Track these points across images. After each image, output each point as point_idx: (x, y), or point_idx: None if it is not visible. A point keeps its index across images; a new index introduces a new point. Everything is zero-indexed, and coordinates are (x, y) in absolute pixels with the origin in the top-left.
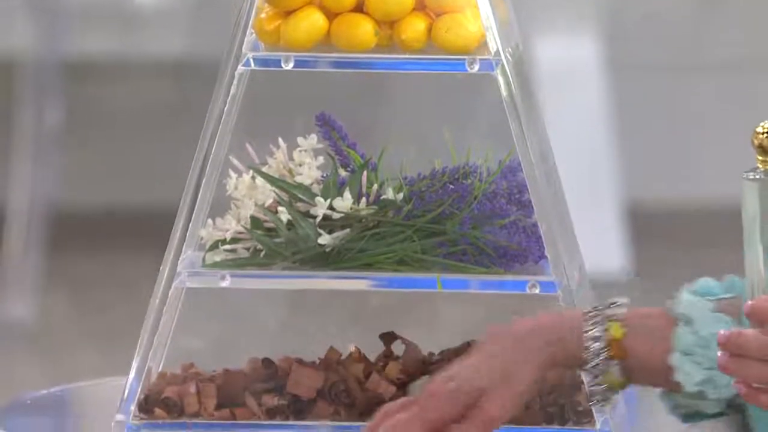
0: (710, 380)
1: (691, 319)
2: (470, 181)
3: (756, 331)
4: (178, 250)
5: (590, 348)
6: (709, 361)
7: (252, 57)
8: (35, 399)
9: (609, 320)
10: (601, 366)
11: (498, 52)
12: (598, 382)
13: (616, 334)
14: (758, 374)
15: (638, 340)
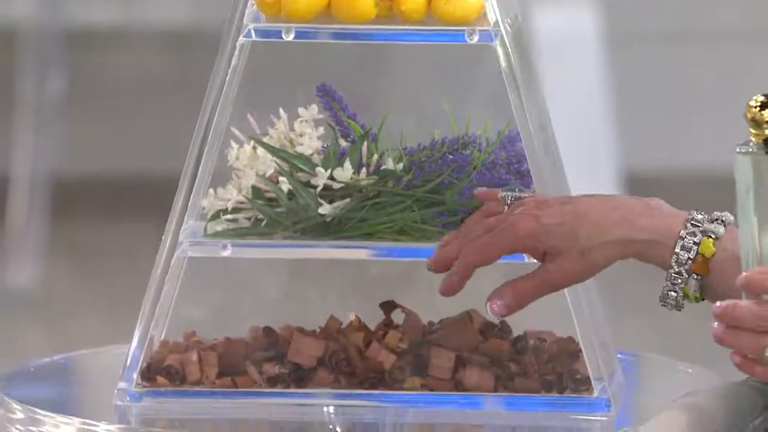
0: None
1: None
2: (469, 152)
3: (751, 302)
4: (179, 219)
5: (678, 256)
6: None
7: (253, 28)
8: (38, 367)
9: (705, 235)
10: (683, 276)
11: (497, 24)
12: (674, 289)
13: (706, 251)
14: (753, 345)
15: (725, 264)
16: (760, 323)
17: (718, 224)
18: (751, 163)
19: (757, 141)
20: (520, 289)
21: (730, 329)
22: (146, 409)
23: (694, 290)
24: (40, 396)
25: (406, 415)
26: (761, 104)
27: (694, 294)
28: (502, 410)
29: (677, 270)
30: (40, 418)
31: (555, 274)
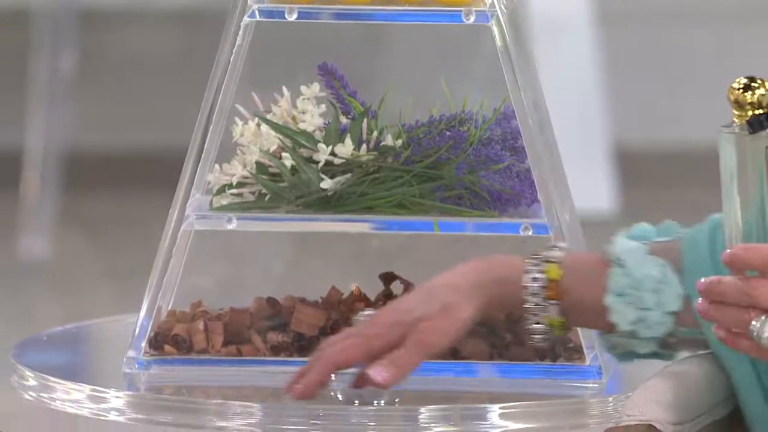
0: (642, 320)
1: (625, 261)
2: (466, 128)
3: (734, 278)
4: (186, 193)
5: (529, 288)
6: (641, 302)
7: (257, 8)
8: (51, 335)
9: (547, 262)
10: (540, 306)
11: (493, 4)
12: (538, 321)
13: (553, 275)
14: (737, 319)
15: (575, 282)
16: (744, 298)
17: (555, 250)
18: (734, 143)
19: (740, 122)
20: (400, 358)
21: (714, 304)
22: (154, 376)
23: (556, 316)
24: (51, 363)
25: (404, 383)
26: (744, 86)
27: (558, 320)
28: (497, 377)
29: (533, 302)
30: (51, 385)
31: (424, 335)
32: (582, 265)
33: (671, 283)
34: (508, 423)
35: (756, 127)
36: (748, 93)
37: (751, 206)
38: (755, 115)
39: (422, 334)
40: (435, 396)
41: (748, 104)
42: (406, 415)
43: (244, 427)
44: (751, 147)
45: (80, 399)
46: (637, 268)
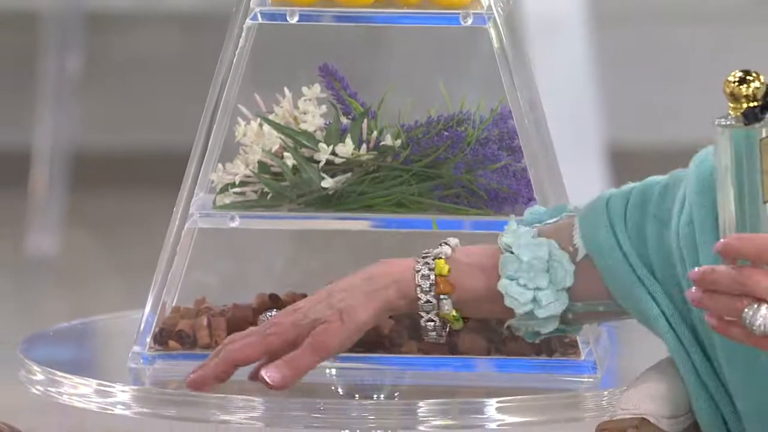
0: (535, 300)
1: (513, 247)
2: (464, 128)
3: (727, 267)
4: (190, 192)
5: (421, 286)
6: (533, 282)
7: (259, 11)
8: (58, 331)
9: (436, 259)
10: (432, 302)
11: (490, 7)
12: (431, 318)
13: (442, 271)
14: (730, 307)
15: (464, 275)
16: (736, 286)
17: (443, 246)
18: (730, 135)
19: (735, 114)
20: (294, 360)
21: (707, 293)
22: (159, 371)
23: (449, 309)
24: (58, 358)
25: (403, 377)
26: (739, 79)
27: (452, 314)
28: (494, 372)
29: (425, 299)
30: (58, 380)
31: (318, 337)
32: (472, 258)
33: (561, 261)
34: (504, 416)
35: (751, 119)
36: (744, 86)
37: (745, 197)
38: (750, 107)
39: (317, 337)
40: (433, 390)
41: (743, 97)
42: (405, 409)
43: (247, 421)
44: (745, 139)
45: (87, 393)
46: (525, 252)
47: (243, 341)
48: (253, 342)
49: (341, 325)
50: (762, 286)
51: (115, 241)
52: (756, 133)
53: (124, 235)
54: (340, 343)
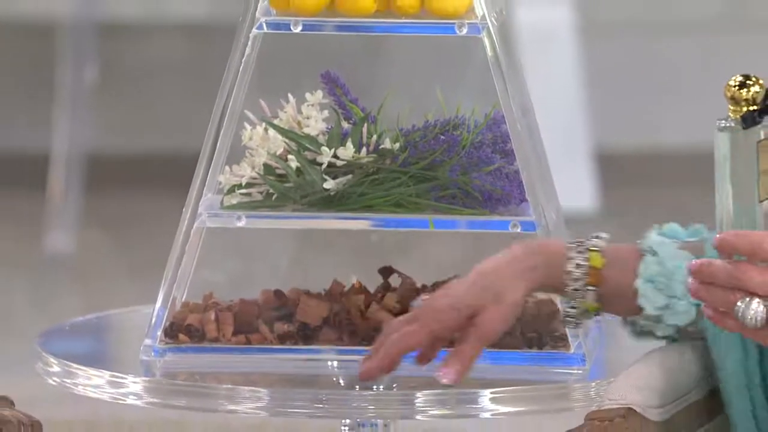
0: (669, 307)
1: (658, 252)
2: (459, 132)
3: (724, 261)
4: (199, 193)
5: (572, 273)
6: (670, 290)
7: (265, 21)
8: (73, 325)
9: (590, 250)
10: (580, 291)
11: (484, 17)
12: (574, 305)
13: (595, 263)
14: (724, 300)
15: (613, 270)
16: (732, 280)
17: (597, 239)
18: (729, 137)
19: (734, 117)
20: (463, 354)
21: (704, 285)
22: (169, 363)
23: (593, 301)
24: (74, 351)
25: (401, 369)
26: (740, 83)
27: (593, 305)
28: (488, 364)
29: (574, 287)
30: (74, 371)
31: (483, 327)
32: (619, 254)
33: None
34: (498, 407)
35: (749, 122)
36: (744, 90)
37: (742, 196)
38: (749, 110)
39: (480, 327)
40: (431, 381)
41: (743, 100)
42: (403, 399)
43: (253, 411)
44: (744, 141)
45: (101, 384)
46: (669, 259)
47: (405, 331)
48: (415, 331)
49: (498, 308)
50: (755, 281)
51: (128, 240)
52: (754, 135)
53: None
54: (501, 328)
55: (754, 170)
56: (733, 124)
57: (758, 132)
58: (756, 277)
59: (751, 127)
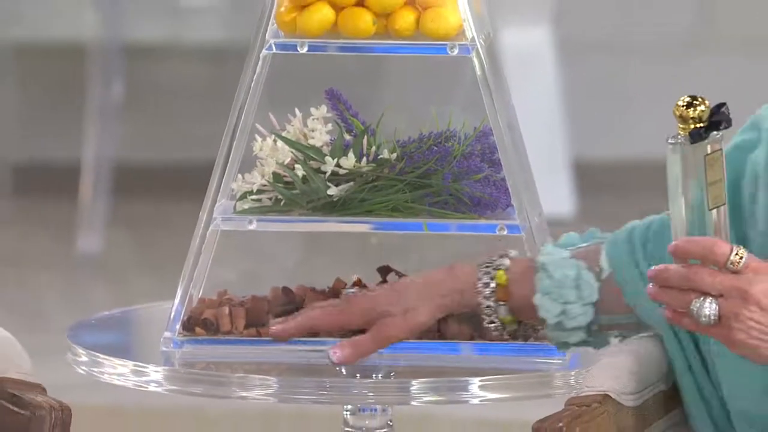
0: (564, 312)
1: (547, 266)
2: (451, 144)
3: (678, 266)
4: (214, 199)
5: (482, 292)
6: (562, 297)
7: (273, 42)
8: (99, 319)
9: (497, 269)
10: (492, 307)
11: (473, 39)
12: (491, 321)
13: (501, 281)
14: (680, 300)
15: (517, 285)
16: (686, 282)
17: (503, 258)
18: (679, 152)
19: (683, 133)
20: (358, 343)
21: (662, 288)
22: (187, 354)
23: (506, 314)
24: (101, 343)
25: (398, 359)
26: (687, 103)
27: (508, 318)
28: (476, 355)
29: (486, 304)
30: (101, 361)
31: (382, 329)
32: (520, 269)
33: (587, 280)
34: (486, 393)
35: (697, 138)
36: (691, 109)
37: (693, 205)
38: (696, 127)
39: (383, 327)
40: (425, 370)
41: (691, 119)
42: (400, 387)
43: (263, 397)
44: (692, 155)
45: (125, 373)
46: (557, 270)
47: (323, 311)
48: (331, 313)
49: (403, 322)
50: (707, 282)
51: (151, 241)
52: (701, 150)
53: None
54: (400, 336)
55: (703, 182)
56: (682, 141)
57: (705, 147)
58: (708, 279)
59: (699, 142)
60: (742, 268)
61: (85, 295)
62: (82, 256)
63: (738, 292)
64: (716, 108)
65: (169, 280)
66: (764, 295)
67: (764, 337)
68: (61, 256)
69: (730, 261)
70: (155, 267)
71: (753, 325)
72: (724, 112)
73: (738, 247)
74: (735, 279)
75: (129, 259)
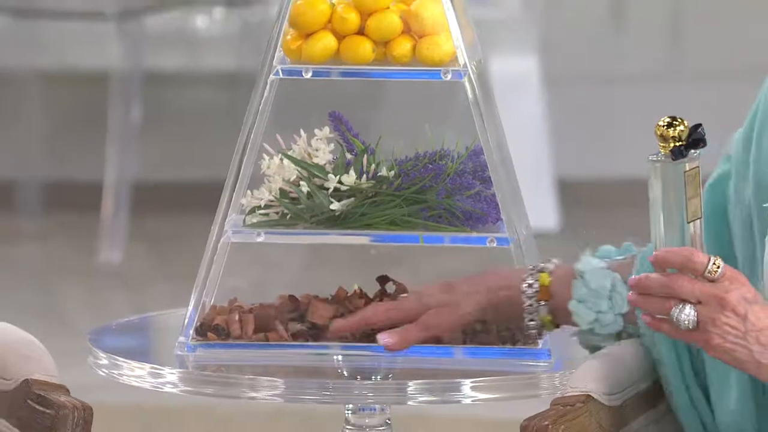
0: (598, 321)
1: (584, 274)
2: (445, 162)
3: (658, 274)
4: (225, 213)
5: (526, 292)
6: (597, 306)
7: (280, 69)
8: (119, 325)
9: (540, 272)
10: (534, 305)
11: (465, 65)
12: (532, 318)
13: (544, 282)
14: (660, 307)
15: (559, 287)
16: (666, 290)
17: (548, 263)
18: (660, 169)
19: (664, 152)
20: (408, 331)
21: (642, 296)
22: (200, 357)
23: (545, 314)
24: (120, 347)
25: (395, 362)
26: (667, 123)
27: (547, 318)
28: (468, 358)
29: (529, 303)
30: (120, 364)
31: (432, 318)
32: (563, 275)
33: (621, 291)
34: (477, 394)
35: (677, 156)
36: (671, 129)
37: (673, 218)
38: (676, 146)
39: (429, 318)
40: (421, 372)
41: (671, 138)
42: (397, 388)
43: (270, 397)
44: (672, 172)
45: (142, 375)
46: (593, 280)
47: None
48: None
49: (450, 312)
50: (686, 289)
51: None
52: (681, 167)
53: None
54: (445, 328)
55: (682, 196)
56: (663, 158)
57: (684, 164)
58: (687, 286)
59: (679, 159)
60: (718, 277)
61: (106, 302)
62: (104, 267)
63: (715, 299)
64: (693, 128)
65: (184, 289)
66: (739, 302)
67: (740, 341)
68: (85, 266)
69: (708, 270)
70: (171, 277)
71: (729, 330)
72: (700, 132)
73: (715, 257)
74: (712, 287)
75: (146, 270)
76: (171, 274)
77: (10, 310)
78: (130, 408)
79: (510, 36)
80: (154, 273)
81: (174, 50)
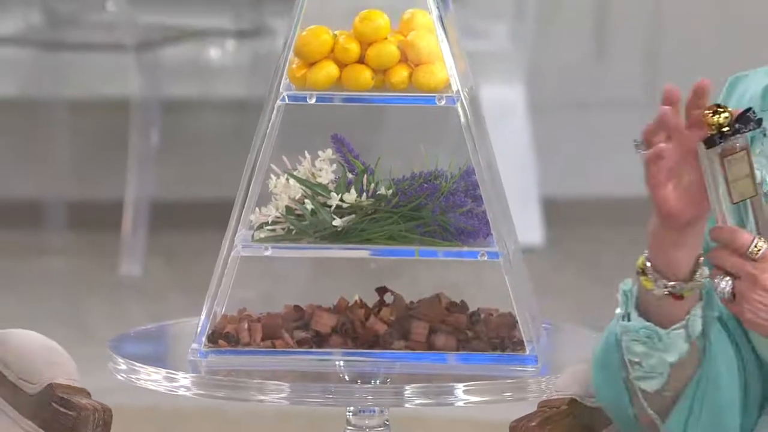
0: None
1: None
2: (439, 182)
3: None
4: (235, 229)
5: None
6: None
7: (286, 95)
8: (137, 332)
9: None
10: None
11: (458, 92)
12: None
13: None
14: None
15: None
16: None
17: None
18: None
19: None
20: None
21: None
22: (211, 363)
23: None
24: (138, 353)
25: (393, 367)
26: (713, 111)
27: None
28: (461, 364)
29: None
30: (137, 369)
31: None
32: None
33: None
34: (469, 397)
35: (710, 144)
36: (716, 116)
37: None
38: (711, 134)
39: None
40: (416, 377)
41: (714, 125)
42: (395, 391)
43: (277, 400)
44: (708, 158)
45: (158, 379)
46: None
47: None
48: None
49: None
50: (726, 262)
51: (182, 267)
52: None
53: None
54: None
55: (719, 179)
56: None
57: (718, 150)
58: (729, 260)
59: (712, 148)
60: (760, 258)
61: (126, 312)
62: (124, 279)
63: (750, 276)
64: (743, 113)
65: (197, 300)
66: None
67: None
68: (106, 279)
69: (749, 251)
70: (185, 288)
71: (761, 307)
72: (749, 116)
73: (760, 238)
74: (750, 265)
75: (163, 282)
76: (186, 286)
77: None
78: (146, 410)
79: (499, 66)
80: (171, 285)
81: (189, 79)
